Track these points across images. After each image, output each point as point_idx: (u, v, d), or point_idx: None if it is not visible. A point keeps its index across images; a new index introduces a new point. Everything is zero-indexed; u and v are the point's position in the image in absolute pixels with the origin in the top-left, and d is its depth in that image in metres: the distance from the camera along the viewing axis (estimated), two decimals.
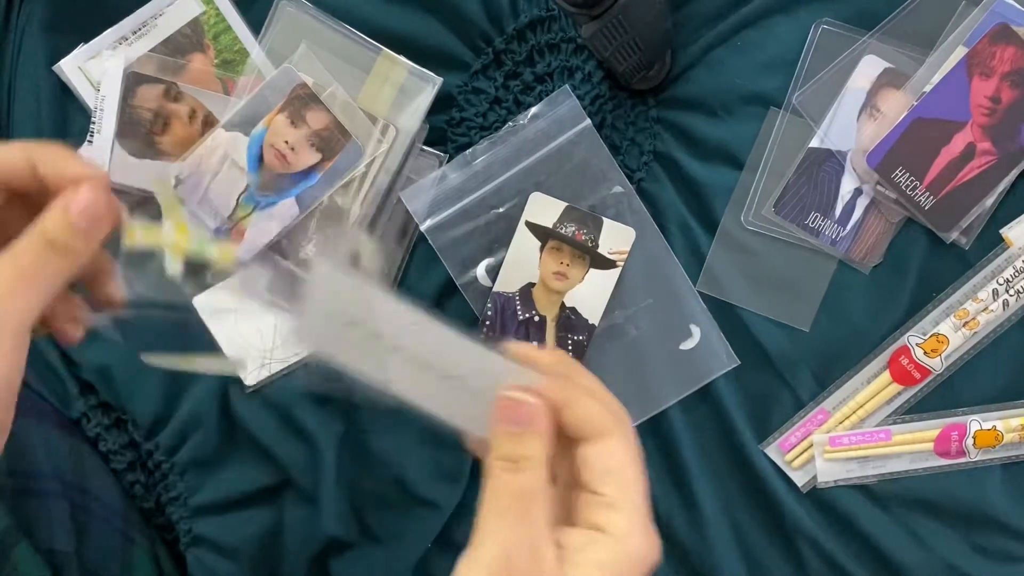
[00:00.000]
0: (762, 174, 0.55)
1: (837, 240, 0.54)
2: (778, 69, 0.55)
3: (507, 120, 0.57)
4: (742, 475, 0.55)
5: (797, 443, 0.55)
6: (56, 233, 0.33)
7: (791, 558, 0.55)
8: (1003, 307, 0.53)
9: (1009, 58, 0.52)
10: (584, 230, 0.55)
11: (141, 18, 0.58)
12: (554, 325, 0.56)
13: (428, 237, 0.56)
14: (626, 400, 0.55)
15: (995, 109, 0.52)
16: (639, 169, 0.57)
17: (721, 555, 0.55)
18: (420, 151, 0.57)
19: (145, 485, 0.60)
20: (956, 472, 0.54)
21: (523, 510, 0.32)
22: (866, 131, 0.54)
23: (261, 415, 0.58)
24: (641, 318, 0.56)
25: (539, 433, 0.33)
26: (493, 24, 0.57)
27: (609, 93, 0.57)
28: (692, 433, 0.55)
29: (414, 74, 0.57)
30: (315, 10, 0.57)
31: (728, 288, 0.55)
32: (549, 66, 0.57)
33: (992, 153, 0.52)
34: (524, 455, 0.32)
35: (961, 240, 0.54)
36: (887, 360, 0.54)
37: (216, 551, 0.58)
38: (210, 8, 0.58)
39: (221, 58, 0.58)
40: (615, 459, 0.34)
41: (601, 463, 0.33)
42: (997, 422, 0.53)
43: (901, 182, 0.53)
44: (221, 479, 0.58)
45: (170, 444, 0.59)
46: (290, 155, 0.56)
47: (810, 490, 0.55)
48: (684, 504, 0.55)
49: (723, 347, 0.55)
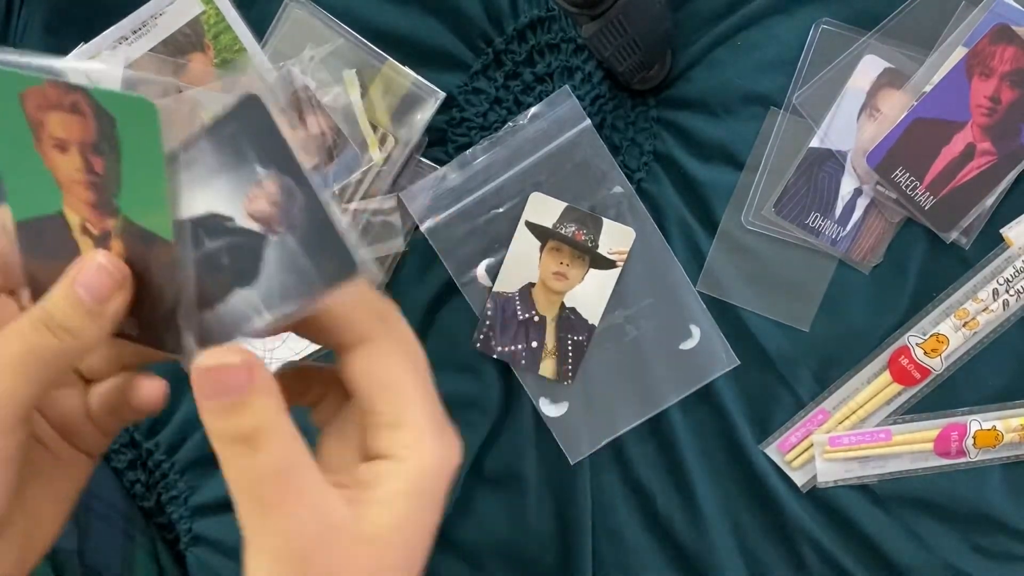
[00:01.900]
0: (762, 174, 0.55)
1: (837, 240, 0.54)
2: (778, 69, 0.55)
3: (507, 120, 0.57)
4: (742, 475, 0.55)
5: (797, 443, 0.55)
6: (55, 311, 0.28)
7: (791, 558, 0.55)
8: (1003, 307, 0.53)
9: (1009, 58, 0.52)
10: (584, 230, 0.55)
11: (141, 18, 0.58)
12: (554, 325, 0.56)
13: (428, 237, 0.56)
14: (626, 400, 0.56)
15: (995, 109, 0.52)
16: (639, 169, 0.57)
17: (721, 555, 0.55)
18: (418, 163, 0.57)
19: (146, 484, 0.60)
20: (956, 472, 0.54)
21: (285, 492, 0.26)
22: (866, 131, 0.54)
23: None
24: (641, 318, 0.56)
25: (261, 391, 0.26)
26: (493, 24, 0.57)
27: (609, 93, 0.57)
28: (692, 433, 0.55)
29: (417, 86, 0.57)
30: (323, 14, 0.57)
31: (728, 288, 0.55)
32: (549, 66, 0.57)
33: (992, 153, 0.52)
34: (253, 427, 0.26)
35: (961, 240, 0.54)
36: (887, 360, 0.54)
37: (216, 550, 0.58)
38: (210, 8, 0.58)
39: (221, 58, 0.58)
40: (384, 367, 0.28)
41: (369, 376, 0.28)
42: (997, 422, 0.53)
43: (901, 182, 0.53)
44: (221, 479, 0.58)
45: (170, 443, 0.59)
46: None
47: (810, 490, 0.55)
48: (684, 504, 0.55)
49: (723, 347, 0.55)
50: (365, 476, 0.28)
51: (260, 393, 0.26)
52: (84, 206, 0.30)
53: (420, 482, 0.28)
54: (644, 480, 0.56)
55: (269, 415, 0.26)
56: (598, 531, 0.56)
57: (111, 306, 0.29)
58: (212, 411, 0.27)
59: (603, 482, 0.56)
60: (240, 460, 0.26)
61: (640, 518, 0.56)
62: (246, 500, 0.27)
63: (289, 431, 0.27)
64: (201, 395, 0.27)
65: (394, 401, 0.28)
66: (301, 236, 0.27)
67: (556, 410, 0.56)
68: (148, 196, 0.29)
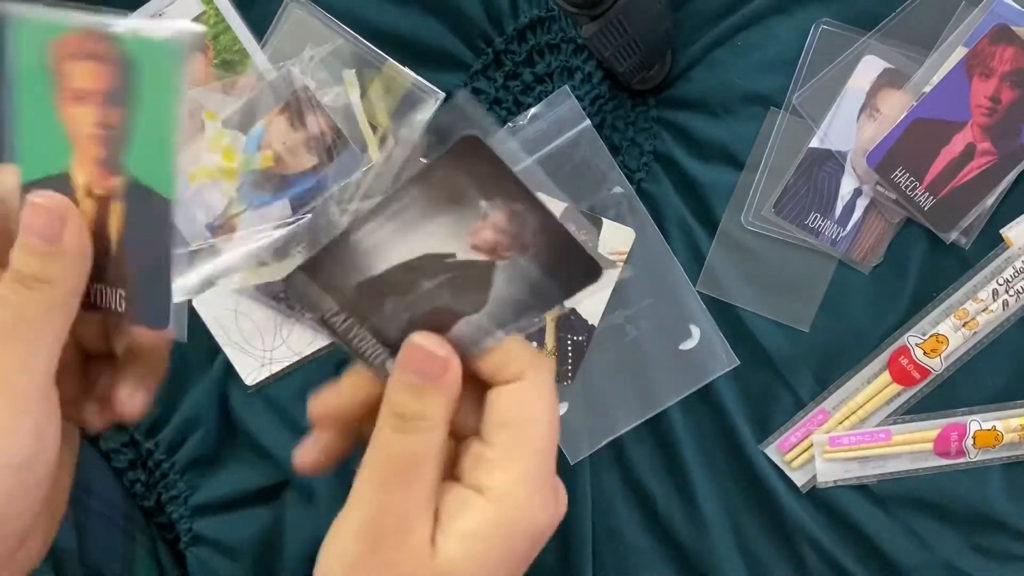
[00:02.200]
0: (762, 174, 0.55)
1: (837, 240, 0.54)
2: (778, 69, 0.55)
3: (507, 121, 0.57)
4: (742, 475, 0.55)
5: (797, 443, 0.55)
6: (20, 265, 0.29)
7: (791, 558, 0.55)
8: (1003, 307, 0.53)
9: (1009, 58, 0.52)
10: (584, 230, 0.55)
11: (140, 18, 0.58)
12: (554, 325, 0.56)
13: None
14: (626, 400, 0.56)
15: (995, 109, 0.52)
16: (639, 169, 0.57)
17: (721, 555, 0.55)
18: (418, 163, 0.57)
19: (145, 484, 0.60)
20: (956, 472, 0.54)
21: (402, 479, 0.28)
22: (866, 131, 0.54)
23: (261, 415, 0.58)
24: (641, 318, 0.56)
25: (443, 390, 0.28)
26: (493, 24, 0.57)
27: (609, 93, 0.57)
28: (692, 433, 0.55)
29: (418, 86, 0.57)
30: (323, 14, 0.57)
31: (728, 288, 0.55)
32: (549, 66, 0.57)
33: (992, 153, 0.52)
34: (419, 413, 0.28)
35: (961, 240, 0.54)
36: (887, 360, 0.54)
37: (216, 550, 0.58)
38: (210, 8, 0.58)
39: (221, 58, 0.58)
40: (518, 407, 0.29)
41: (501, 410, 0.29)
42: (997, 422, 0.53)
43: (901, 182, 0.53)
44: (221, 479, 0.58)
45: (170, 443, 0.59)
46: (287, 157, 0.56)
47: (810, 490, 0.55)
48: (684, 504, 0.55)
49: (723, 347, 0.55)
50: (449, 502, 0.28)
51: (441, 391, 0.28)
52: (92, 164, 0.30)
53: (502, 530, 0.28)
54: (644, 480, 0.56)
55: (437, 411, 0.28)
56: (598, 531, 0.56)
57: (67, 240, 0.29)
58: (398, 382, 0.29)
59: (603, 482, 0.56)
60: (392, 434, 0.28)
61: (640, 518, 0.56)
62: (372, 470, 0.28)
63: (440, 438, 0.28)
64: (399, 364, 0.29)
65: (513, 440, 0.29)
66: (535, 255, 0.28)
67: None
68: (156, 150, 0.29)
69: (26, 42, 0.30)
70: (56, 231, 0.29)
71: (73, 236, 0.30)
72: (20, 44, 0.30)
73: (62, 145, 0.30)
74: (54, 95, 0.30)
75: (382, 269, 0.29)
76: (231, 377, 0.58)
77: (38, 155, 0.31)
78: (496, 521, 0.28)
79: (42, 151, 0.31)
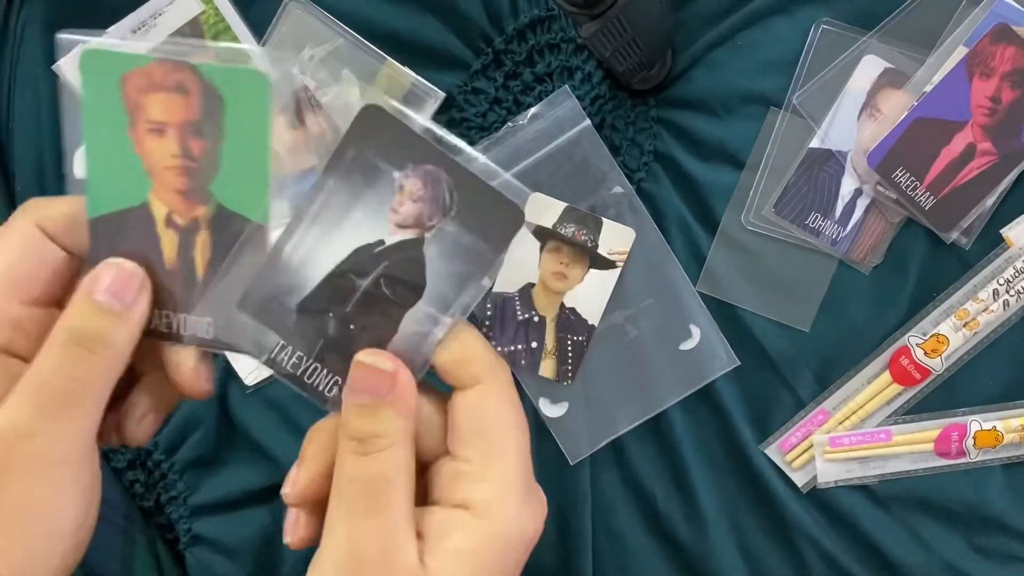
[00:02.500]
0: (762, 174, 0.55)
1: (837, 240, 0.54)
2: (778, 69, 0.55)
3: (507, 120, 0.57)
4: (742, 475, 0.55)
5: (797, 443, 0.55)
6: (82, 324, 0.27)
7: (791, 558, 0.55)
8: (1003, 307, 0.53)
9: (1009, 58, 0.52)
10: (584, 230, 0.55)
11: (140, 18, 0.58)
12: (554, 325, 0.56)
13: None
14: (626, 400, 0.56)
15: (995, 109, 0.52)
16: (639, 169, 0.57)
17: (721, 555, 0.55)
18: None
19: (145, 484, 0.60)
20: (956, 472, 0.54)
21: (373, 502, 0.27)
22: (866, 131, 0.54)
23: (261, 415, 0.58)
24: (641, 318, 0.56)
25: (395, 404, 0.27)
26: (493, 24, 0.57)
27: (609, 93, 0.57)
28: (692, 434, 0.55)
29: (417, 86, 0.57)
30: (323, 14, 0.57)
31: (728, 288, 0.55)
32: (549, 66, 0.57)
33: (992, 153, 0.52)
34: (376, 432, 0.27)
35: (961, 240, 0.54)
36: (887, 360, 0.54)
37: (216, 551, 0.58)
38: (209, 8, 0.58)
39: (220, 58, 0.58)
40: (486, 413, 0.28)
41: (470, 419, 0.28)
42: (997, 422, 0.53)
43: (901, 182, 0.53)
44: (220, 479, 0.58)
45: (169, 443, 0.59)
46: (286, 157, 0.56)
47: (810, 490, 0.55)
48: (684, 504, 0.55)
49: (723, 347, 0.55)
50: (433, 524, 0.27)
51: (392, 406, 0.27)
52: (174, 194, 0.30)
53: (490, 545, 0.27)
54: (644, 480, 0.56)
55: (394, 428, 0.27)
56: (598, 532, 0.56)
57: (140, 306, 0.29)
58: (350, 406, 0.28)
59: (603, 482, 0.56)
60: (349, 458, 0.27)
61: (640, 518, 0.56)
62: (337, 498, 0.27)
63: (404, 455, 0.27)
64: (348, 387, 0.28)
65: (489, 449, 0.28)
66: (457, 215, 0.27)
67: (556, 410, 0.56)
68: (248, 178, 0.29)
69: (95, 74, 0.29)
70: (132, 296, 0.28)
71: (144, 302, 0.29)
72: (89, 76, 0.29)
73: (139, 177, 0.30)
74: (128, 127, 0.29)
75: (317, 280, 0.28)
76: (230, 377, 0.58)
77: (113, 188, 0.30)
78: (488, 535, 0.27)
79: (117, 183, 0.30)
